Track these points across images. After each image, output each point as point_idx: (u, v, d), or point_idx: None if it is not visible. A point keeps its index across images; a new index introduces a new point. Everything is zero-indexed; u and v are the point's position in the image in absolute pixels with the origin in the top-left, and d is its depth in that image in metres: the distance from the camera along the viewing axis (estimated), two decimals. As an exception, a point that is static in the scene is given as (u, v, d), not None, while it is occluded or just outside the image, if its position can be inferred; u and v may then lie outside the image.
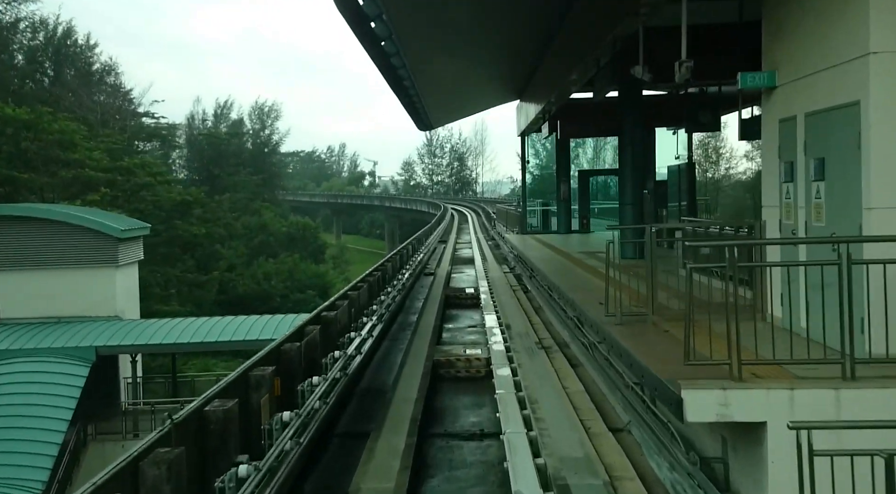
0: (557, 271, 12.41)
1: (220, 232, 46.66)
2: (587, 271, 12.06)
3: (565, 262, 13.96)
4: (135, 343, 23.40)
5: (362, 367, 8.97)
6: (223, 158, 67.38)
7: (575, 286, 10.19)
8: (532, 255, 15.79)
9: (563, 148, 21.61)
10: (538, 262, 14.14)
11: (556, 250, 16.25)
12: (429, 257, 24.38)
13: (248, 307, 48.64)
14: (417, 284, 17.93)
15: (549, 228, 22.69)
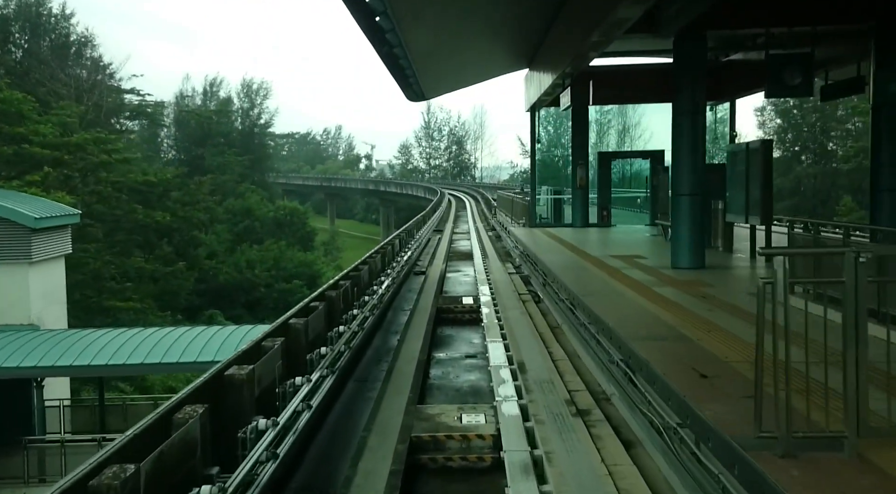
0: (598, 294, 8.96)
1: (200, 217, 43.31)
2: (639, 292, 8.92)
3: (599, 273, 10.89)
4: (37, 366, 17.96)
5: (301, 447, 5.77)
6: (209, 138, 63.81)
7: (645, 333, 6.83)
8: (549, 259, 12.59)
9: (580, 125, 18.34)
10: (560, 271, 10.97)
11: (579, 253, 13.11)
12: (420, 251, 21.15)
13: (229, 298, 45.54)
14: (405, 287, 14.73)
15: (562, 220, 19.42)
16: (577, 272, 10.53)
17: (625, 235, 16.64)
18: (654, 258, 12.32)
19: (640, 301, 8.39)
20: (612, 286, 9.49)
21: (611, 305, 8.17)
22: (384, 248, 15.31)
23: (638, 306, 8.22)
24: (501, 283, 14.22)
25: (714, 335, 6.83)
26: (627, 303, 8.40)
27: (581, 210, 18.35)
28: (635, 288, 9.08)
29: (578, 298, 8.56)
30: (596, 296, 8.67)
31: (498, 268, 16.86)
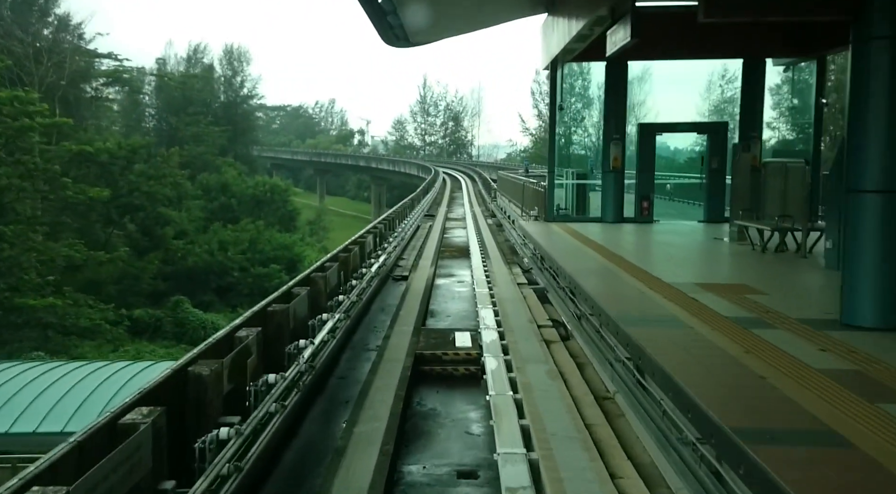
0: (751, 408, 4.16)
1: (166, 192, 39.05)
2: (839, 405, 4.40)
3: (703, 336, 5.65)
4: None
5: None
6: (190, 107, 59.20)
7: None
8: (590, 285, 7.88)
9: (616, 86, 14.18)
10: (622, 317, 6.20)
11: (634, 272, 8.25)
12: (405, 245, 17.12)
13: (200, 282, 41.48)
14: (375, 305, 10.72)
15: (587, 212, 15.27)
16: (658, 331, 5.84)
17: (681, 237, 12.45)
18: (785, 298, 7.34)
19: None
20: (754, 384, 4.72)
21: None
22: (355, 246, 11.29)
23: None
24: (510, 302, 10.21)
25: None
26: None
27: (615, 200, 14.26)
28: (821, 392, 4.57)
29: (693, 399, 4.39)
30: (747, 414, 4.22)
31: (503, 275, 12.84)
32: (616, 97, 14.38)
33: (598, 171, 15.14)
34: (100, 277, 35.72)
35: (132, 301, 38.00)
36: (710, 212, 14.54)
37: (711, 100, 20.45)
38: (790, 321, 6.18)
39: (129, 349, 34.85)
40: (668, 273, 8.37)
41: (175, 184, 39.71)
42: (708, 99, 22.85)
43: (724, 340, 5.54)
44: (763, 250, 9.89)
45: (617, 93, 14.35)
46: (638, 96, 21.84)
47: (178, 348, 36.06)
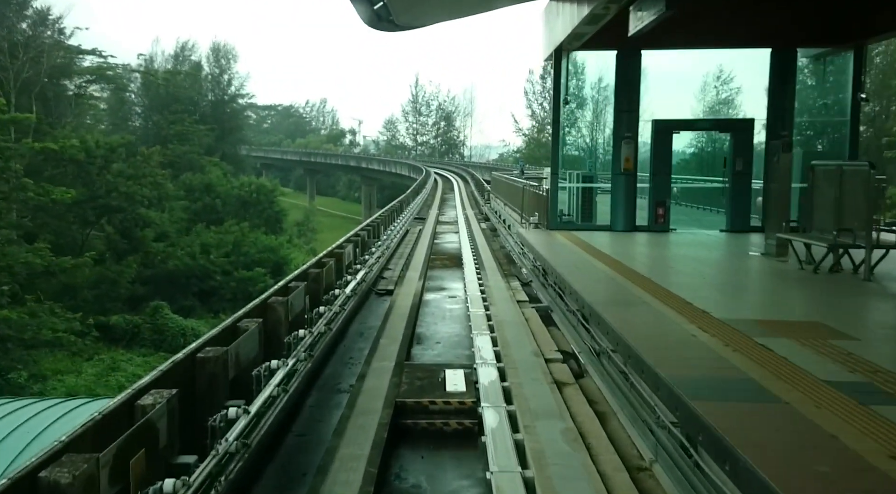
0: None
1: (145, 193, 37.31)
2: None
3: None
4: None
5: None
6: (175, 105, 57.40)
7: None
8: (617, 319, 6.28)
9: (628, 78, 12.68)
10: (679, 380, 4.50)
11: (669, 302, 6.88)
12: (393, 252, 15.63)
13: (181, 286, 39.79)
14: (353, 328, 9.22)
15: (593, 219, 13.69)
16: (733, 406, 4.04)
17: (708, 251, 10.72)
18: (884, 344, 5.84)
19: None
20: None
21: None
22: (329, 259, 9.76)
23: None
24: (510, 326, 8.73)
25: None
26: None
27: (626, 206, 12.75)
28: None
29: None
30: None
31: (500, 289, 11.36)
32: (628, 91, 12.87)
33: (593, 171, 13.67)
34: (75, 282, 34.00)
35: (109, 307, 36.33)
36: (733, 221, 13.04)
37: (706, 101, 19.72)
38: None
39: (104, 357, 33.20)
40: (713, 303, 6.77)
41: (155, 184, 37.97)
42: (703, 100, 22.90)
43: (839, 424, 3.85)
44: (815, 270, 8.40)
45: (629, 86, 12.84)
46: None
47: (157, 356, 34.45)
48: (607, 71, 13.98)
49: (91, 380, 30.48)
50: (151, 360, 33.76)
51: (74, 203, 37.33)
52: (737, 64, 20.91)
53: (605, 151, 22.08)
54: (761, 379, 4.51)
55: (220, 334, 5.19)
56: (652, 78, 21.55)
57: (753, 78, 23.26)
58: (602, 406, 6.16)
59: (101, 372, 31.59)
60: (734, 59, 18.34)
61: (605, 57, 13.75)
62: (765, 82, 15.33)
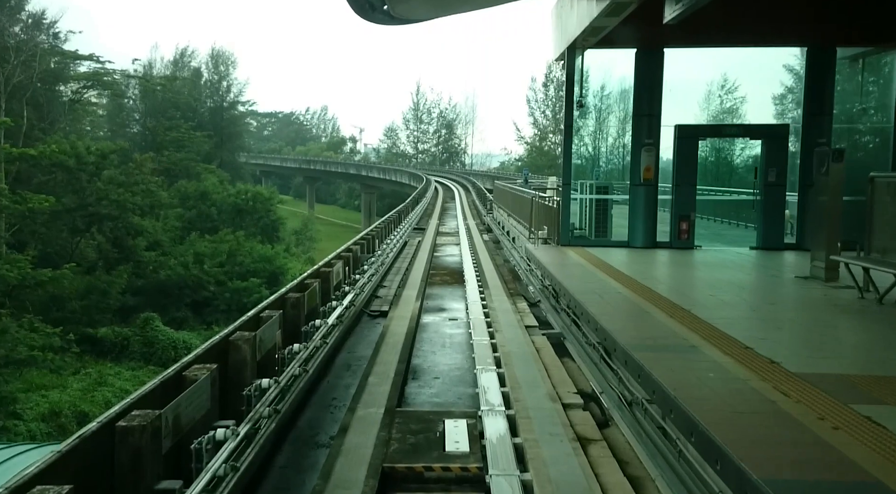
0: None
1: (136, 201, 36.18)
2: None
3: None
4: None
5: None
6: (166, 112, 56.43)
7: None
8: (685, 390, 4.41)
9: (648, 79, 11.52)
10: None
11: (752, 363, 5.13)
12: (389, 267, 14.51)
13: (174, 297, 38.61)
14: (340, 359, 8.07)
15: (609, 234, 12.48)
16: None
17: (745, 273, 9.39)
18: None
19: None
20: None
21: None
22: (314, 281, 8.62)
23: None
24: (520, 359, 7.59)
25: None
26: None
27: (646, 220, 11.57)
28: None
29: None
30: None
31: (506, 312, 10.22)
32: (650, 93, 11.70)
33: (599, 180, 12.52)
34: (62, 293, 32.86)
35: (98, 318, 35.15)
36: (765, 237, 11.87)
37: (710, 110, 19.13)
38: None
39: (91, 371, 32.01)
40: (781, 350, 5.54)
41: (147, 192, 36.87)
42: (707, 109, 22.88)
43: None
44: (880, 300, 7.23)
45: (651, 88, 11.68)
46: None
47: (146, 369, 33.27)
48: (612, 72, 12.92)
49: (76, 395, 29.24)
50: (140, 374, 32.57)
51: (65, 211, 36.28)
52: (746, 67, 20.08)
53: (608, 161, 21.10)
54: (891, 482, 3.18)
55: (154, 391, 4.04)
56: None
57: (759, 83, 22.50)
58: (636, 469, 5.03)
59: (87, 387, 30.37)
60: (743, 62, 17.41)
61: (609, 57, 12.65)
62: (773, 88, 14.32)
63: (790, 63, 28.39)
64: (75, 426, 27.13)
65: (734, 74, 21.27)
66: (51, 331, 25.70)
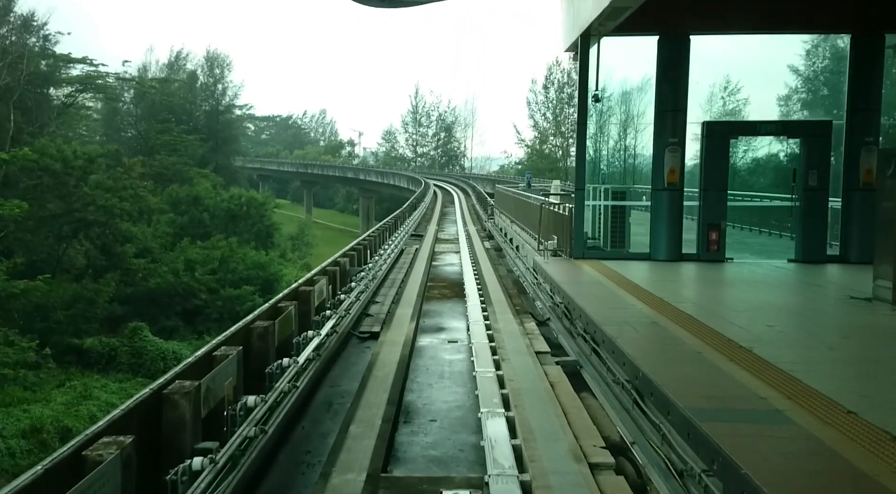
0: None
1: (125, 207, 34.97)
2: None
3: None
4: None
5: None
6: (159, 115, 55.26)
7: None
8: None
9: (673, 70, 10.27)
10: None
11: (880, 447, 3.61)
12: (383, 280, 13.31)
13: (164, 306, 37.38)
14: (319, 396, 6.86)
15: (626, 245, 11.18)
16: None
17: (794, 294, 7.97)
18: None
19: None
20: None
21: None
22: (288, 305, 7.39)
23: None
24: (532, 397, 6.37)
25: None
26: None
27: (671, 229, 10.32)
28: None
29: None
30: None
31: (512, 333, 9.01)
32: (674, 86, 10.44)
33: (598, 182, 11.29)
34: (47, 302, 31.66)
35: (85, 328, 33.91)
36: (805, 248, 10.61)
37: (713, 112, 18.62)
38: None
39: (76, 383, 30.76)
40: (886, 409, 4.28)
41: (136, 197, 35.67)
42: (709, 111, 21.84)
43: None
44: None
45: (675, 79, 10.41)
46: (638, 108, 18.71)
47: (134, 381, 32.05)
48: (617, 63, 11.67)
49: (60, 410, 28.00)
50: (128, 386, 31.37)
51: (51, 217, 35.11)
52: (748, 67, 19.29)
53: (608, 164, 19.93)
54: None
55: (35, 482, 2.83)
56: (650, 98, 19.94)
57: (762, 84, 21.74)
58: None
59: (71, 400, 29.15)
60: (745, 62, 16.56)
61: (612, 51, 11.42)
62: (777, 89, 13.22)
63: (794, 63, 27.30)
64: (57, 443, 25.90)
65: (736, 75, 20.28)
66: (26, 345, 24.40)
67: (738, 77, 22.92)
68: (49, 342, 32.22)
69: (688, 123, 10.43)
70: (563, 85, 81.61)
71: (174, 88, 66.30)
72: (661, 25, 10.26)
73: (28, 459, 25.04)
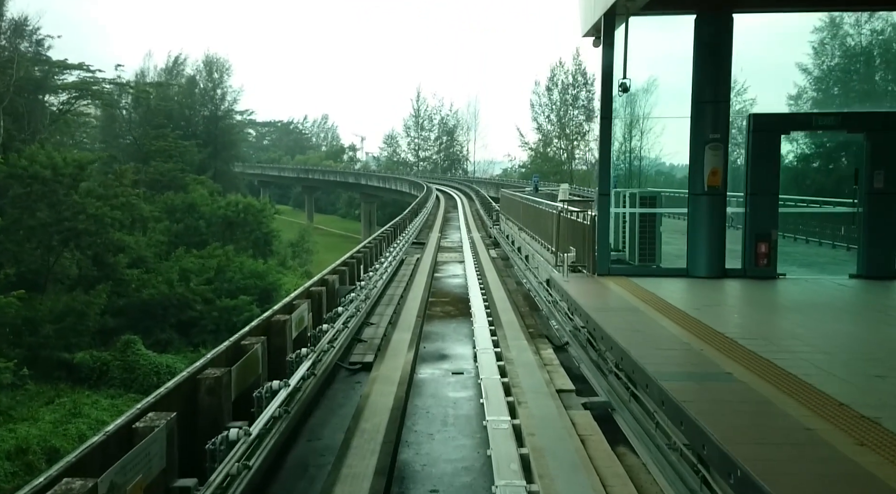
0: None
1: (116, 216, 33.72)
2: None
3: None
4: None
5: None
6: (152, 120, 54.08)
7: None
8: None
9: (714, 53, 8.76)
10: None
11: None
12: (379, 297, 11.99)
13: (158, 317, 36.09)
14: (292, 458, 5.53)
15: (657, 259, 9.72)
16: None
17: (884, 323, 6.53)
18: None
19: None
20: None
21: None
22: (255, 343, 6.04)
23: None
24: (560, 459, 5.05)
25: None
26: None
27: (712, 241, 8.88)
28: None
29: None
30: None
31: (528, 364, 7.68)
32: (715, 72, 9.03)
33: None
34: (35, 315, 30.44)
35: (75, 342, 32.65)
36: (869, 262, 9.16)
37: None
38: None
39: (65, 400, 29.50)
40: None
41: (128, 205, 34.42)
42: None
43: None
44: None
45: (717, 64, 8.92)
46: (643, 109, 17.53)
47: (126, 397, 30.78)
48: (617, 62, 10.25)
49: (48, 429, 26.75)
50: (119, 403, 30.09)
51: (39, 226, 33.90)
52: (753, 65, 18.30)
53: (614, 166, 18.54)
54: None
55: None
56: (663, 92, 18.98)
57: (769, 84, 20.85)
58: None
59: (60, 419, 27.90)
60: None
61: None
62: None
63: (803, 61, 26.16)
64: (44, 465, 24.63)
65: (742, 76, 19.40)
66: (2, 365, 23.12)
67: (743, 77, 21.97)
68: (38, 356, 31.02)
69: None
70: (568, 86, 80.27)
71: (172, 92, 65.14)
72: (700, 3, 8.92)
73: (13, 482, 23.75)
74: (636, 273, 9.17)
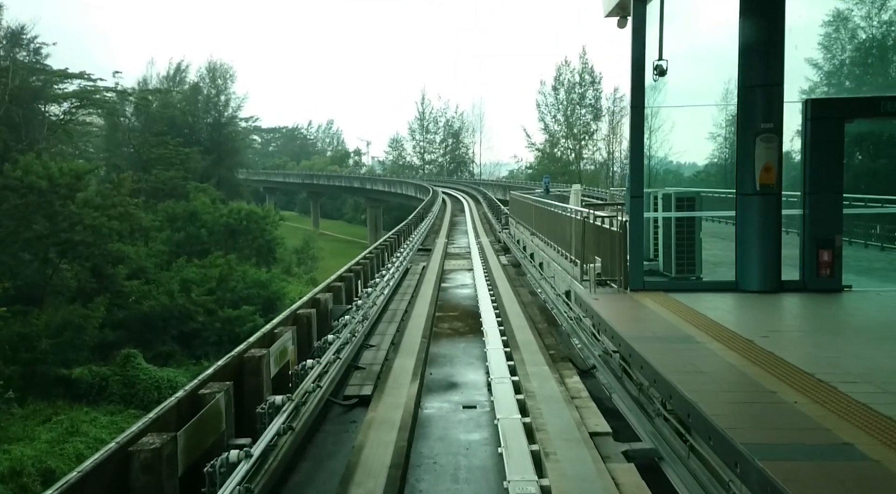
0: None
1: (113, 226, 32.73)
2: None
3: None
4: None
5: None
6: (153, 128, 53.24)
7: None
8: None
9: (763, 30, 7.32)
10: None
11: None
12: (379, 314, 10.87)
13: (158, 330, 35.10)
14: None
15: (697, 270, 8.40)
16: None
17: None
18: None
19: None
20: None
21: None
22: (217, 393, 4.93)
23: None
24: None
25: None
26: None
27: (766, 249, 7.62)
28: None
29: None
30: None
31: (554, 402, 6.53)
32: (765, 52, 7.71)
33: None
34: (30, 331, 29.49)
35: (73, 357, 31.68)
36: None
37: (729, 110, 17.62)
38: None
39: (62, 418, 28.53)
40: None
41: (126, 214, 33.49)
42: (724, 109, 21.26)
43: None
44: None
45: (767, 44, 7.59)
46: (650, 108, 16.67)
47: (126, 413, 29.79)
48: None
49: (44, 449, 25.75)
50: (119, 419, 29.09)
51: (35, 238, 33.00)
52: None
53: (622, 165, 17.30)
54: None
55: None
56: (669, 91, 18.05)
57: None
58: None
59: (57, 438, 26.92)
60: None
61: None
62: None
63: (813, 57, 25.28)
64: (39, 487, 23.69)
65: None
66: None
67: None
68: (35, 373, 30.07)
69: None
70: (574, 85, 78.93)
71: (176, 99, 64.32)
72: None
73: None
74: (675, 288, 7.92)
